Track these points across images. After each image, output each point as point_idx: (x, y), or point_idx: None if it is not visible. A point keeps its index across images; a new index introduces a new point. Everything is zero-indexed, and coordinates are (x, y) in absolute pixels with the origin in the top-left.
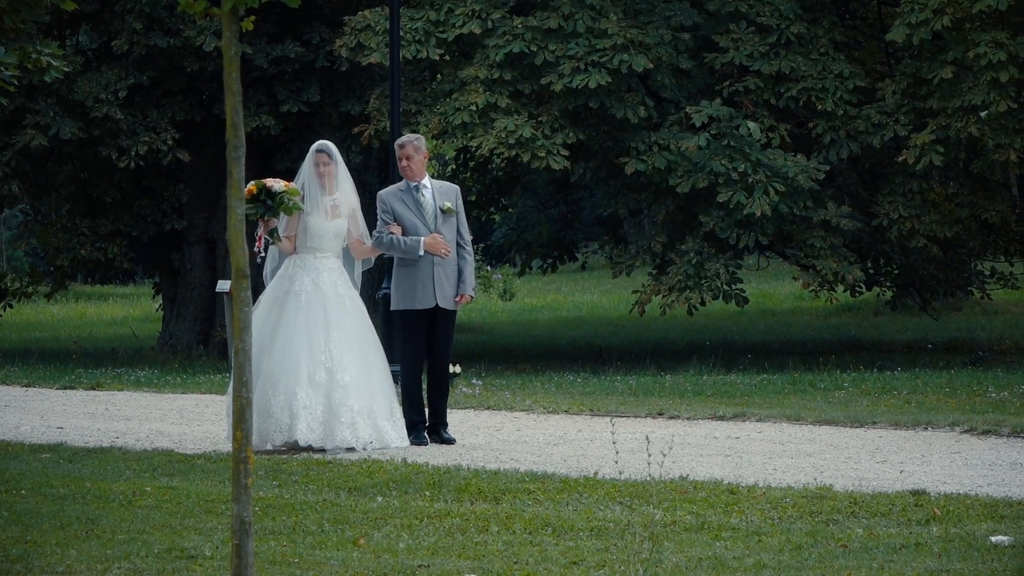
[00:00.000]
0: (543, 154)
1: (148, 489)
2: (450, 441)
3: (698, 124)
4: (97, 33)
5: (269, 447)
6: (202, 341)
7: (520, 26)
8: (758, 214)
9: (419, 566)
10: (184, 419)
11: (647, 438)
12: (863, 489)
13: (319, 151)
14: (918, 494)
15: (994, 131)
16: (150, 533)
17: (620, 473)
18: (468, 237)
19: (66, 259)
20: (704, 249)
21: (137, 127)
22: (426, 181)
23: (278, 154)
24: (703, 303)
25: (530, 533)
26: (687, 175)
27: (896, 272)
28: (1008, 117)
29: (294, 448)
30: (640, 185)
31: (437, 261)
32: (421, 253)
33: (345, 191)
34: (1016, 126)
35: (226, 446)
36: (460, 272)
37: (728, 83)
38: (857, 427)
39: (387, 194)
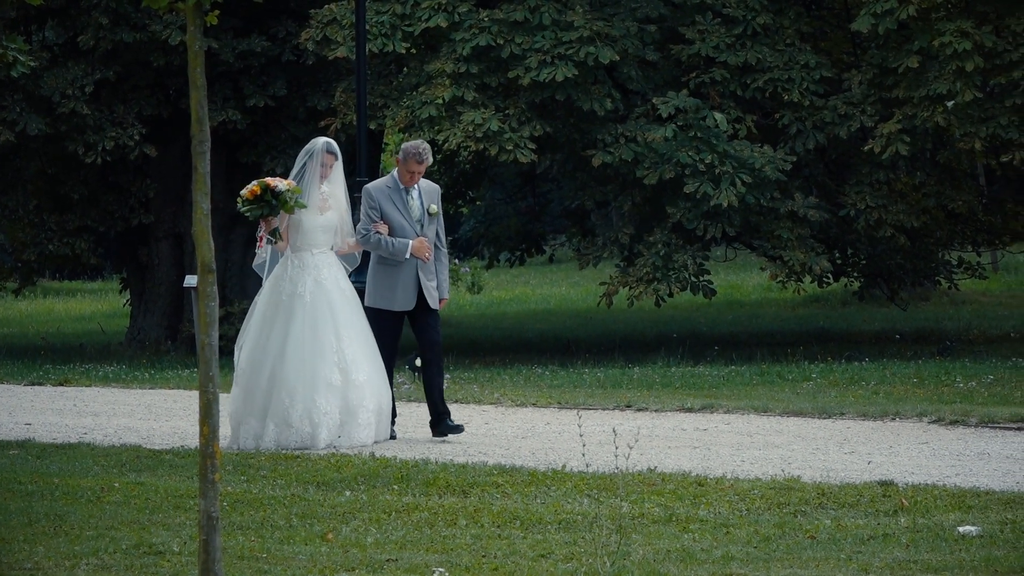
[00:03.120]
0: (510, 147)
1: (116, 485)
2: (459, 429)
3: (664, 116)
4: (63, 28)
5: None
6: (170, 336)
7: (486, 19)
8: (725, 205)
9: (387, 560)
10: (152, 415)
11: (614, 431)
12: (831, 480)
13: (328, 152)
14: (886, 485)
15: (960, 120)
16: (118, 529)
17: (588, 466)
18: (444, 239)
19: (33, 255)
20: (671, 240)
21: (104, 122)
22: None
23: (244, 148)
24: (671, 295)
25: (498, 526)
26: (654, 167)
27: (863, 262)
28: (974, 106)
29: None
30: (607, 177)
31: (419, 264)
32: (407, 256)
33: (337, 185)
34: (982, 115)
35: (194, 442)
36: (437, 275)
37: (694, 74)
38: (825, 418)
39: (375, 190)
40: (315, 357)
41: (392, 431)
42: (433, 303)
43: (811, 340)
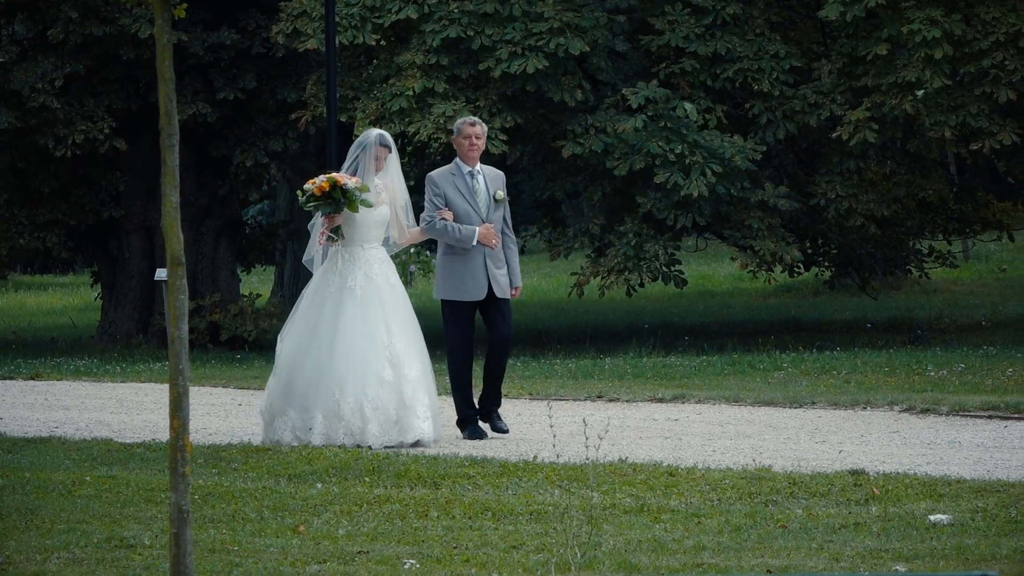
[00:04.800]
0: None
1: (87, 479)
2: (505, 430)
3: (635, 106)
4: (33, 22)
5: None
6: (141, 330)
7: (456, 11)
8: (695, 195)
9: (359, 552)
10: (123, 408)
11: (584, 421)
12: (802, 470)
13: (382, 144)
14: (857, 474)
15: (929, 109)
16: (89, 523)
17: (559, 457)
18: (512, 226)
19: (4, 249)
20: (642, 231)
21: (74, 116)
22: (479, 167)
23: (214, 141)
24: (642, 285)
25: (470, 518)
26: (624, 157)
27: (834, 252)
28: (943, 95)
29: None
30: (577, 168)
31: (487, 251)
32: (475, 243)
33: (392, 178)
34: (951, 104)
35: (165, 435)
36: (508, 262)
37: (664, 65)
38: (796, 407)
39: (439, 176)
40: (366, 350)
41: (500, 424)
42: (502, 292)
43: (782, 330)
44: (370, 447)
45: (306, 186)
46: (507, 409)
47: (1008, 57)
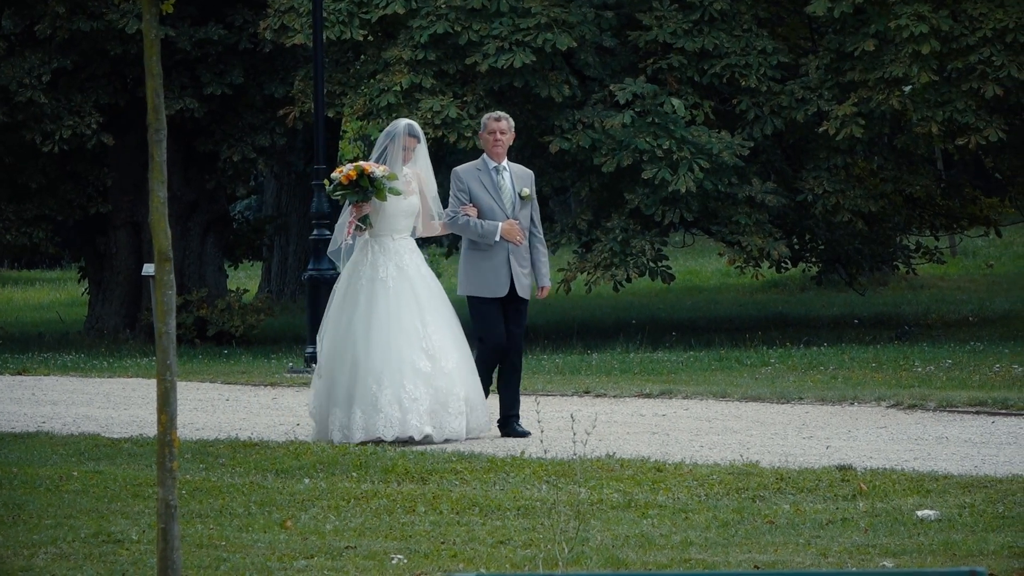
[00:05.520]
0: (468, 134)
1: (75, 474)
2: (525, 434)
3: (622, 102)
4: (20, 17)
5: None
6: (128, 325)
7: (444, 6)
8: (683, 191)
9: (346, 547)
10: (111, 403)
11: (572, 416)
12: (789, 465)
13: (410, 135)
14: (844, 469)
15: (917, 105)
16: (77, 518)
17: (546, 452)
18: (540, 225)
19: None
20: (629, 226)
21: (61, 111)
22: (505, 163)
23: (201, 137)
24: (629, 280)
25: (457, 513)
26: (611, 153)
27: (822, 247)
28: (930, 90)
29: (406, 443)
30: (564, 163)
31: (512, 248)
32: (497, 239)
33: (421, 168)
34: (938, 99)
35: (152, 430)
36: (534, 262)
37: (652, 61)
38: (783, 403)
39: (464, 172)
40: (400, 341)
41: (519, 427)
42: (523, 292)
43: (769, 325)
44: (411, 438)
45: (333, 175)
46: (494, 403)
47: (995, 53)
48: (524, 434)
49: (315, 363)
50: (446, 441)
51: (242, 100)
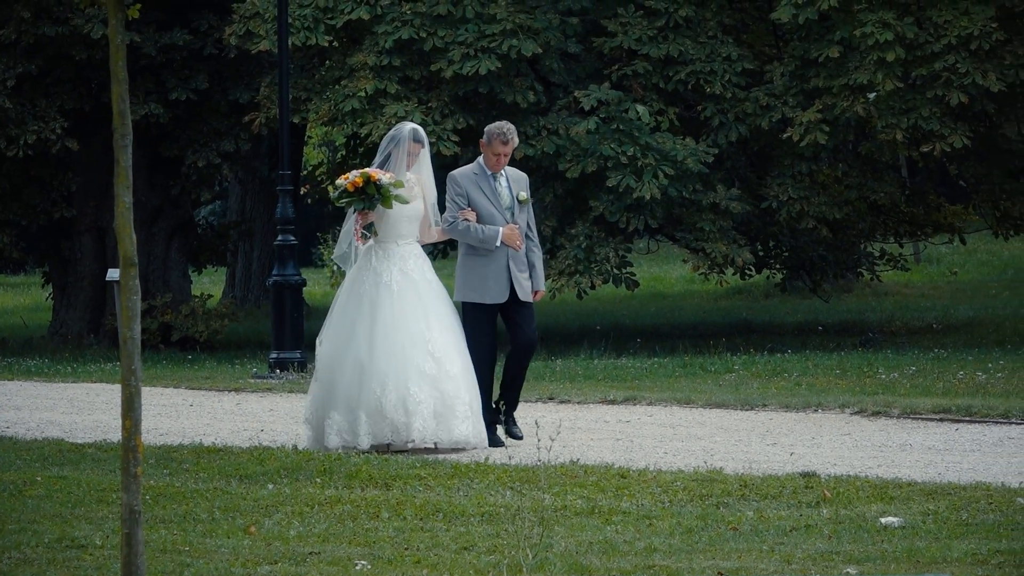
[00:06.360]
0: (433, 140)
1: (38, 479)
2: (519, 437)
3: (587, 108)
4: None
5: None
6: (92, 330)
7: (409, 12)
8: (647, 197)
9: (310, 553)
10: (75, 408)
11: (536, 423)
12: (753, 472)
13: (415, 139)
14: (808, 476)
15: (881, 112)
16: (40, 523)
17: (510, 458)
18: (535, 229)
19: None
20: (594, 233)
21: (26, 116)
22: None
23: (166, 142)
24: (593, 287)
25: (421, 519)
26: (576, 159)
27: (786, 254)
28: (895, 97)
29: (411, 450)
30: (529, 170)
31: (511, 253)
32: (498, 244)
33: (424, 173)
34: (903, 106)
35: (116, 435)
36: (532, 266)
37: (617, 67)
38: (747, 410)
39: (462, 176)
40: (406, 345)
41: (515, 429)
42: (525, 296)
43: (734, 332)
44: (413, 442)
45: (339, 181)
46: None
47: (960, 60)
48: (519, 436)
49: (278, 369)
50: (454, 449)
51: (207, 105)
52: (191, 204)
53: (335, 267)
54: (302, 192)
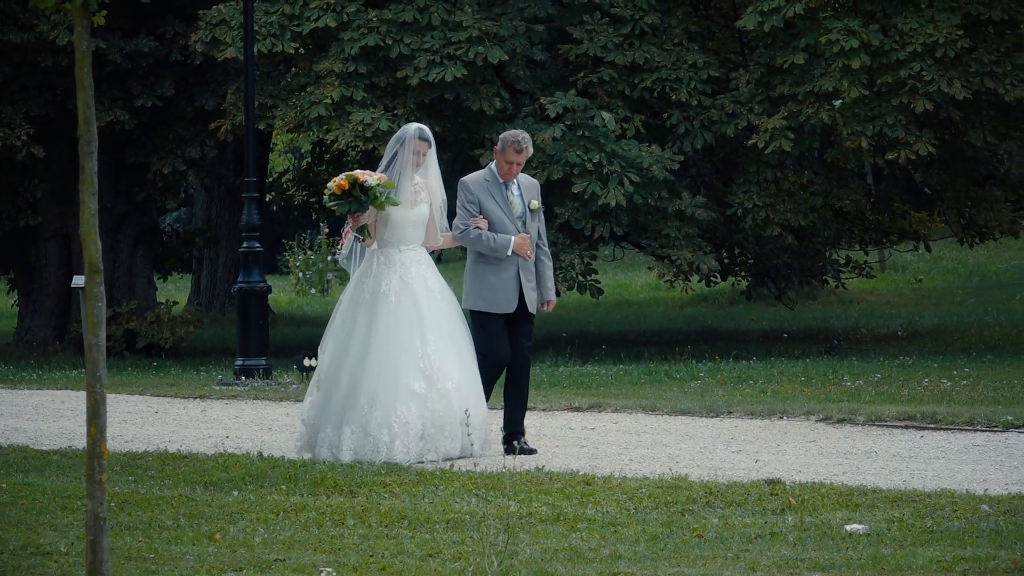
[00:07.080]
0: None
1: (3, 486)
2: (531, 451)
3: (553, 115)
4: None
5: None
6: (57, 337)
7: (375, 19)
8: (613, 204)
9: (275, 560)
10: (40, 415)
11: (502, 429)
12: (718, 479)
13: (421, 139)
14: (773, 483)
15: (847, 119)
16: (5, 530)
17: (476, 465)
18: (546, 237)
19: None
20: (559, 240)
21: None
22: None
23: (132, 148)
24: (558, 294)
25: (386, 526)
26: (542, 167)
27: (751, 261)
28: (860, 105)
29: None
30: None
31: (521, 263)
32: (509, 253)
33: (431, 175)
34: (868, 114)
35: (81, 442)
36: (540, 275)
37: (582, 74)
38: (712, 417)
39: (474, 184)
40: (398, 362)
41: (525, 445)
42: (532, 307)
43: (699, 339)
44: (398, 463)
45: (329, 184)
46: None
47: (925, 68)
48: (531, 451)
49: (243, 376)
50: (446, 460)
51: (173, 112)
52: (156, 211)
53: (300, 274)
54: (267, 199)
